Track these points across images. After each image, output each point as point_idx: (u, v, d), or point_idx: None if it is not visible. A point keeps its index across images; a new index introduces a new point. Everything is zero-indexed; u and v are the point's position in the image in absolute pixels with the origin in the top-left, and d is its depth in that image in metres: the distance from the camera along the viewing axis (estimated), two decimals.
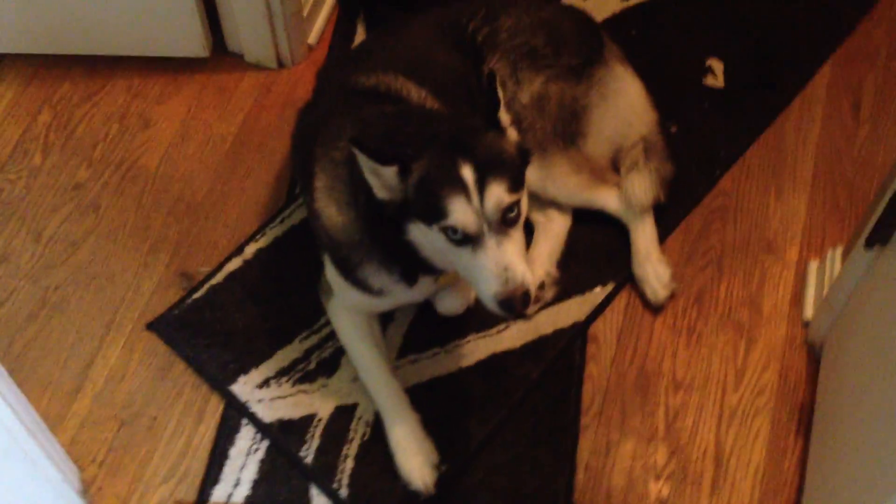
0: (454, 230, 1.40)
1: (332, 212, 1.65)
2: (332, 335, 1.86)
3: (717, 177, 2.13)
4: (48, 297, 1.97)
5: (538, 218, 1.96)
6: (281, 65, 2.39)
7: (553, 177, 1.90)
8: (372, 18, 2.42)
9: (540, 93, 1.89)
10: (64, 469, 1.62)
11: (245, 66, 2.40)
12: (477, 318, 1.88)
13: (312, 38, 2.43)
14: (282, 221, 2.06)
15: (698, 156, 2.14)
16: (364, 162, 1.43)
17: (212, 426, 1.79)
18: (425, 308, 1.88)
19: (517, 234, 1.44)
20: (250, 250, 2.01)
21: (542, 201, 1.94)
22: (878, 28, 2.42)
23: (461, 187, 1.39)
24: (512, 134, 1.51)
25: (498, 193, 1.39)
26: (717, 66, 2.30)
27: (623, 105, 1.97)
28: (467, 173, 1.39)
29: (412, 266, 1.60)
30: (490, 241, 1.40)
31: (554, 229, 1.97)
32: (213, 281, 1.97)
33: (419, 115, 1.65)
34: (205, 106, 2.32)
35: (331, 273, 1.76)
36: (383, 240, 1.58)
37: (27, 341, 1.90)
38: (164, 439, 1.78)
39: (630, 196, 1.93)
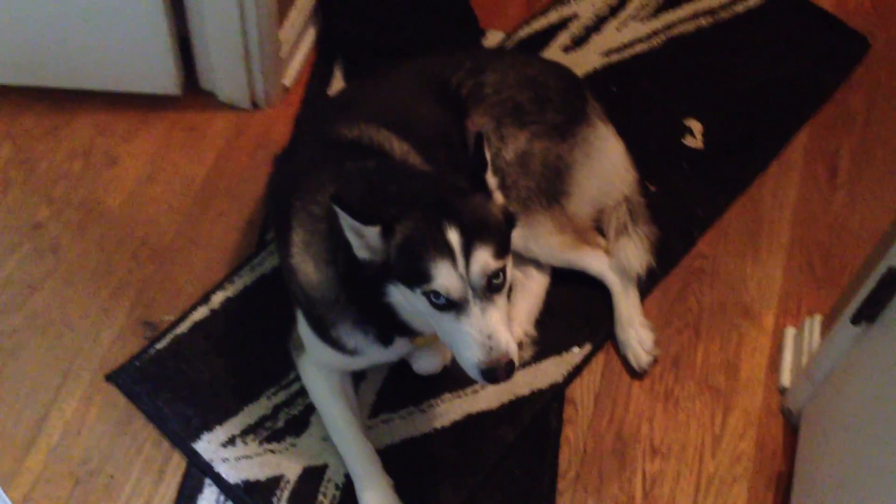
0: (437, 295, 1.35)
1: (308, 268, 1.59)
2: (302, 392, 1.79)
3: (694, 238, 2.12)
4: (2, 342, 1.86)
5: (517, 275, 1.92)
6: (255, 105, 2.33)
7: (536, 236, 1.87)
8: (351, 63, 2.37)
9: (524, 150, 1.86)
10: None
11: (217, 105, 2.33)
12: (452, 377, 1.83)
13: (288, 80, 2.38)
14: (252, 269, 1.99)
15: (676, 216, 2.13)
16: (345, 220, 1.38)
17: (173, 486, 1.70)
18: (400, 365, 1.82)
19: (502, 301, 1.39)
20: (217, 299, 1.94)
21: (521, 259, 1.91)
22: (856, 94, 2.45)
23: (447, 251, 1.34)
24: (498, 197, 1.47)
25: (484, 259, 1.35)
26: (696, 126, 2.30)
27: (607, 164, 1.95)
28: (453, 237, 1.34)
29: (389, 327, 1.55)
30: (474, 308, 1.35)
31: (533, 288, 1.93)
32: (178, 330, 1.88)
33: (403, 172, 1.60)
34: (174, 145, 2.24)
35: (303, 329, 1.69)
36: (361, 300, 1.52)
37: None
38: (122, 499, 1.68)
39: (623, 263, 1.90)
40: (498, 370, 1.35)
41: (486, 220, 1.40)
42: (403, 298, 1.41)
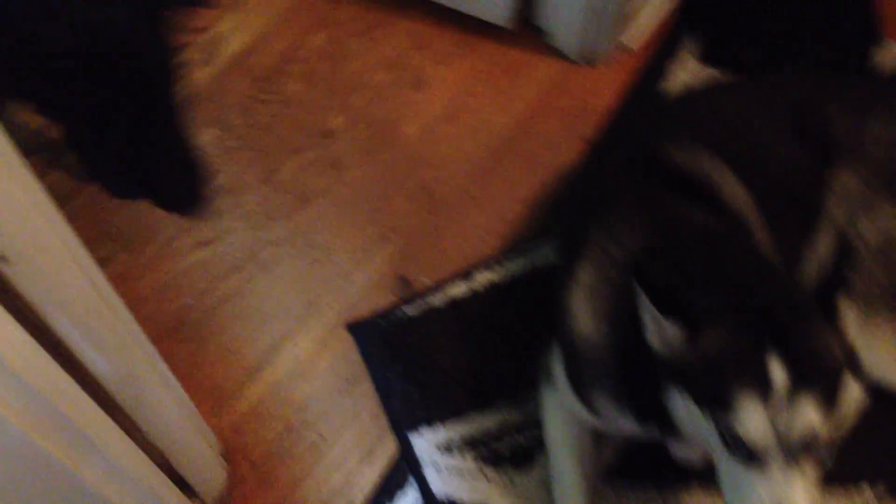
0: (732, 433, 1.06)
1: (583, 316, 1.33)
2: (536, 422, 1.58)
3: None
4: (259, 251, 1.79)
5: None
6: (586, 60, 2.04)
7: (873, 347, 1.49)
8: (710, 46, 2.00)
9: (893, 235, 1.47)
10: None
11: (543, 49, 2.07)
12: (710, 469, 1.55)
13: (629, 40, 2.06)
14: (524, 256, 1.77)
15: None
16: (643, 299, 1.11)
17: (376, 472, 1.57)
18: None
19: (812, 472, 1.08)
20: (481, 279, 1.74)
21: None
22: None
23: (762, 388, 1.04)
24: (849, 331, 1.12)
25: (810, 415, 1.03)
26: None
27: None
28: (777, 373, 1.03)
29: (653, 420, 1.28)
30: (776, 469, 1.05)
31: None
32: (433, 302, 1.72)
33: (736, 250, 1.27)
34: (485, 83, 2.02)
35: (556, 366, 1.46)
36: (630, 380, 1.26)
37: (224, 294, 1.74)
38: (324, 466, 1.58)
39: None
40: None
41: (827, 362, 1.07)
42: (685, 411, 1.13)
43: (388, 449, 1.60)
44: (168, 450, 1.26)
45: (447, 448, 1.58)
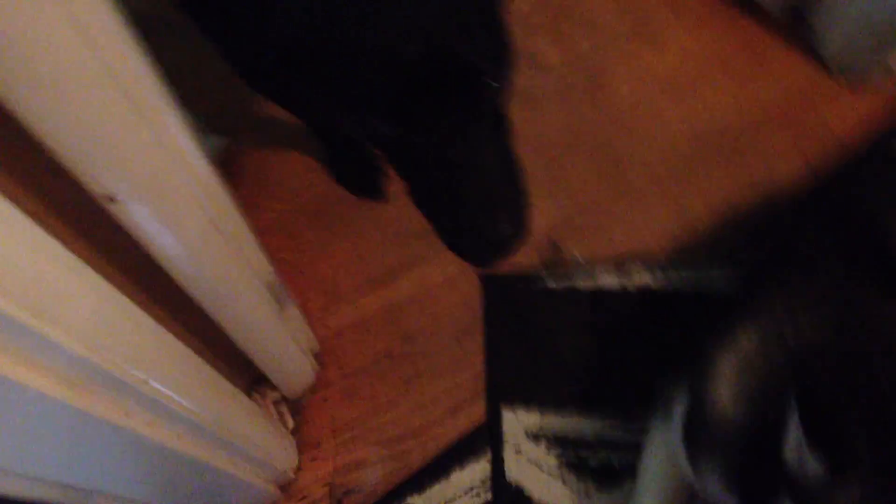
0: None
1: (725, 385, 1.15)
2: (637, 449, 1.46)
3: None
4: None
5: None
6: (843, 77, 1.77)
7: None
8: None
9: None
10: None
11: (802, 48, 1.81)
12: None
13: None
14: (691, 270, 1.59)
15: None
16: (795, 415, 0.95)
17: (457, 431, 1.50)
18: None
19: None
20: (636, 278, 1.59)
21: None
22: None
23: None
24: None
25: None
26: None
27: None
28: None
29: None
30: None
31: None
32: (577, 282, 1.59)
33: None
34: (725, 63, 1.79)
35: (678, 411, 1.32)
36: (749, 467, 1.11)
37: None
38: (410, 403, 1.52)
39: None
40: None
41: None
42: None
43: (476, 412, 1.52)
44: (249, 346, 1.22)
45: (535, 437, 1.49)
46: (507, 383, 1.53)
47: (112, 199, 0.76)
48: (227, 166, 1.64)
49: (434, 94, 0.90)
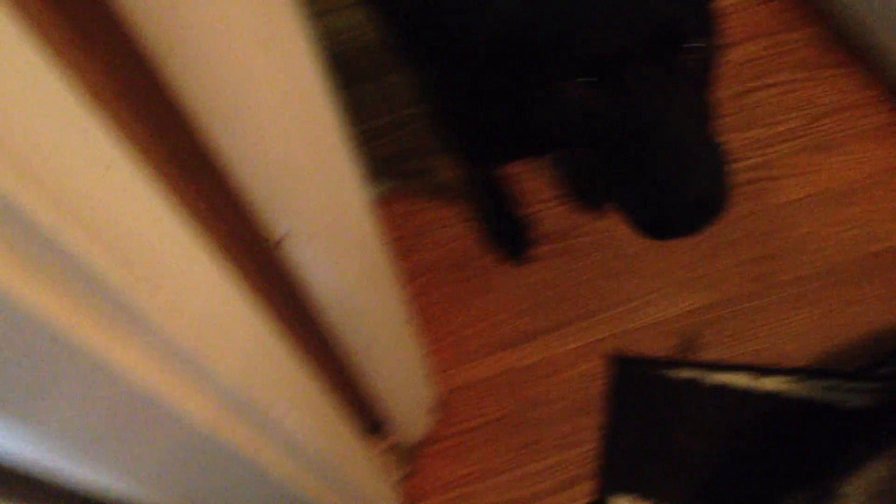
0: None
1: None
2: None
3: None
4: (574, 235, 1.70)
5: None
6: None
7: None
8: None
9: None
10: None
11: None
12: None
13: None
14: (827, 384, 1.51)
15: None
16: None
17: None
18: None
19: None
20: (769, 382, 1.52)
21: None
22: None
23: None
24: None
25: None
26: None
27: None
28: None
29: None
30: None
31: None
32: (707, 378, 1.54)
33: None
34: None
35: None
36: None
37: (526, 255, 1.69)
38: (519, 473, 1.50)
39: None
40: None
41: None
42: None
43: (582, 492, 1.49)
44: (378, 389, 1.24)
45: None
46: (620, 467, 1.49)
47: (281, 240, 0.79)
48: (380, 209, 1.69)
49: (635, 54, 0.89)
